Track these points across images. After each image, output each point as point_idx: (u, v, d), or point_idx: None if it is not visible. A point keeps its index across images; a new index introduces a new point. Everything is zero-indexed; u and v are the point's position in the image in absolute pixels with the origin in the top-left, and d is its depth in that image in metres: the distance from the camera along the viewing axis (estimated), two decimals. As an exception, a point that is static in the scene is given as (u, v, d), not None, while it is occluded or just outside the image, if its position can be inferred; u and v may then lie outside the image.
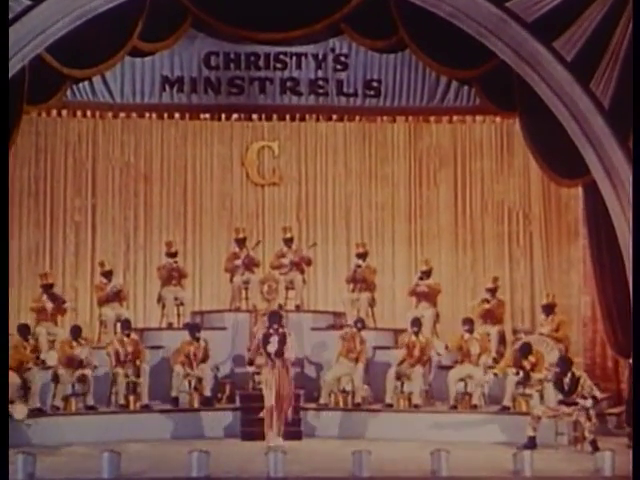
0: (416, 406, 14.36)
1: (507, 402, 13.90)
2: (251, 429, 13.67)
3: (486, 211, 17.78)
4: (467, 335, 14.45)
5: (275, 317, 13.16)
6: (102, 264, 16.42)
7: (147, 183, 17.78)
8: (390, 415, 14.37)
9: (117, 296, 15.99)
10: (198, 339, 14.74)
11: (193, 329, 14.92)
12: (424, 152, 18.02)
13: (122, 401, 14.27)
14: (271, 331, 12.81)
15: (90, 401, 13.94)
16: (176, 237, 17.44)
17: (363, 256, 16.38)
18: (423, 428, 13.90)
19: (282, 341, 12.72)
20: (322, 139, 18.11)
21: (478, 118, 17.69)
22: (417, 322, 14.92)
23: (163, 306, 16.37)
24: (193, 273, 17.60)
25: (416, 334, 14.77)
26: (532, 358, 13.84)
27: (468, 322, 14.63)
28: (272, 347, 12.68)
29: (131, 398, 14.34)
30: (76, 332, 14.27)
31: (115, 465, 10.22)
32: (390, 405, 14.46)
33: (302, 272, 16.51)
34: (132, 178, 17.76)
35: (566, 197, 17.15)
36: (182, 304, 16.37)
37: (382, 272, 17.12)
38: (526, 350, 13.83)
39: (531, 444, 12.55)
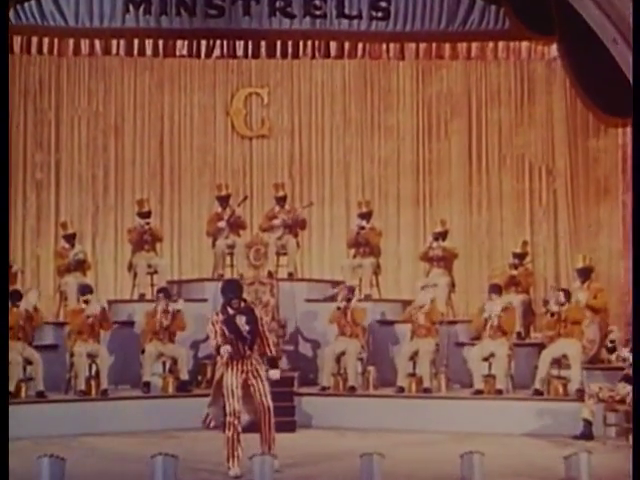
0: (429, 390, 12.19)
1: (539, 385, 11.71)
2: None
3: (504, 166, 16.13)
4: (491, 305, 12.23)
5: (231, 288, 9.39)
6: (64, 226, 14.46)
7: (118, 136, 16.11)
8: (402, 402, 12.25)
9: (80, 265, 13.81)
10: (167, 308, 12.74)
11: (161, 294, 12.88)
12: (434, 99, 16.32)
13: (82, 387, 12.04)
14: (231, 311, 9.14)
15: (39, 386, 11.69)
16: (151, 197, 15.65)
17: (367, 216, 14.46)
18: (442, 417, 11.87)
19: (253, 323, 9.15)
20: (317, 84, 16.42)
21: (500, 55, 15.96)
22: (430, 291, 12.72)
23: (134, 275, 14.30)
24: (171, 237, 15.99)
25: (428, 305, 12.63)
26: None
27: (496, 289, 12.50)
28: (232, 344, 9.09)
29: (92, 383, 12.15)
30: (15, 297, 11.95)
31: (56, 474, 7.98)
32: (401, 389, 12.31)
33: (296, 235, 14.61)
34: (101, 130, 16.07)
35: (595, 150, 15.74)
36: (156, 272, 14.32)
37: (386, 236, 15.36)
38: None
39: (587, 432, 10.66)
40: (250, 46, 15.76)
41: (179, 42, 15.83)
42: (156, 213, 15.36)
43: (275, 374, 9.27)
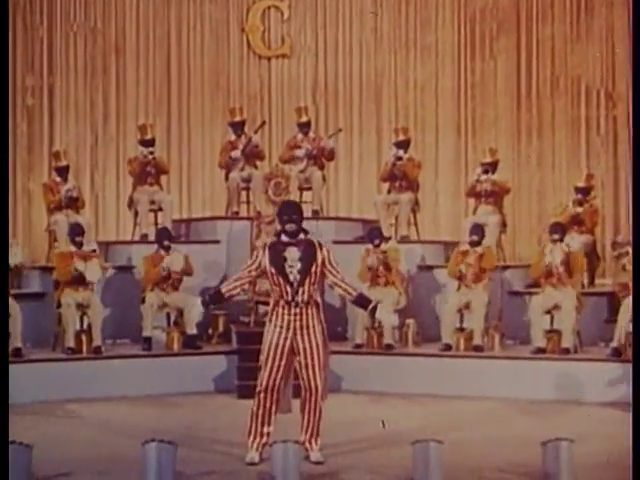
0: (481, 348, 10.39)
1: (617, 344, 9.85)
2: (252, 382, 9.47)
3: (557, 90, 14.56)
4: (553, 247, 10.38)
5: (291, 209, 7.15)
6: (57, 156, 12.69)
7: (120, 56, 14.77)
8: (448, 362, 10.39)
9: (73, 203, 12.08)
10: (168, 249, 11.01)
11: (162, 236, 11.17)
12: (477, 13, 14.77)
13: (70, 343, 10.25)
14: (284, 238, 7.04)
15: (16, 342, 9.89)
16: (157, 125, 14.11)
17: (404, 145, 12.63)
18: (497, 381, 10.01)
19: (307, 262, 6.98)
20: (346, -4, 14.97)
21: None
22: (478, 231, 10.94)
23: (135, 213, 12.54)
24: (179, 170, 14.71)
25: (476, 247, 10.84)
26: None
27: (558, 229, 10.63)
28: (284, 272, 6.96)
29: (83, 339, 10.36)
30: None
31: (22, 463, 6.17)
32: (447, 347, 10.49)
33: (321, 167, 12.81)
34: (100, 50, 14.74)
35: (661, 72, 13.48)
36: (160, 209, 12.53)
37: (423, 169, 13.53)
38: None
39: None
40: None
41: (186, -56, 14.54)
42: (162, 143, 14.06)
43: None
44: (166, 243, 10.95)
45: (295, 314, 6.91)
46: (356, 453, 7.46)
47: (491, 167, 12.26)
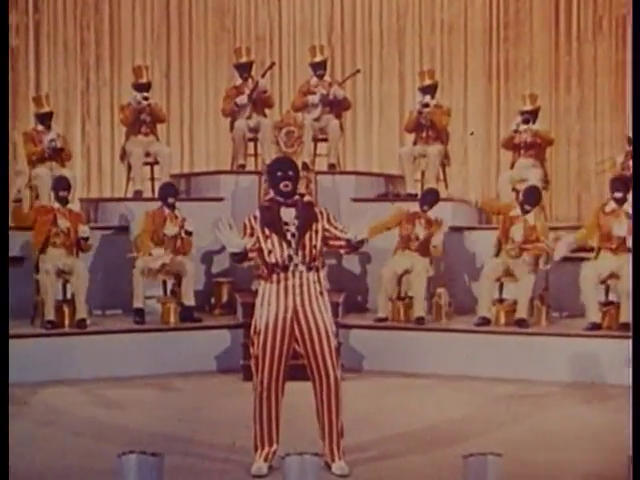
0: (525, 323, 8.98)
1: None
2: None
3: (600, 31, 13.16)
4: (615, 207, 8.98)
5: (286, 165, 5.84)
6: (38, 101, 11.42)
7: None
8: (486, 339, 8.98)
9: (57, 154, 10.73)
10: (173, 207, 9.67)
11: (166, 191, 9.79)
12: None
13: (51, 316, 8.91)
14: (278, 198, 5.74)
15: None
16: (155, 69, 13.08)
17: (431, 90, 11.30)
18: (546, 361, 8.64)
19: (306, 220, 5.68)
20: None
21: None
22: (535, 195, 9.56)
23: (129, 167, 11.18)
24: (180, 119, 13.43)
25: (519, 206, 9.44)
26: None
27: (621, 186, 9.12)
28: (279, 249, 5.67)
29: (66, 310, 9.01)
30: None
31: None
32: (485, 321, 9.10)
33: (338, 116, 11.46)
34: None
35: None
36: (156, 163, 11.20)
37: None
38: None
39: None
40: None
41: None
42: (161, 89, 13.08)
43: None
44: (171, 200, 9.59)
45: (294, 286, 5.56)
46: (390, 460, 6.05)
47: (532, 115, 10.86)
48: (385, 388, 8.43)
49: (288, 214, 5.65)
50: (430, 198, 9.71)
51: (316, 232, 5.61)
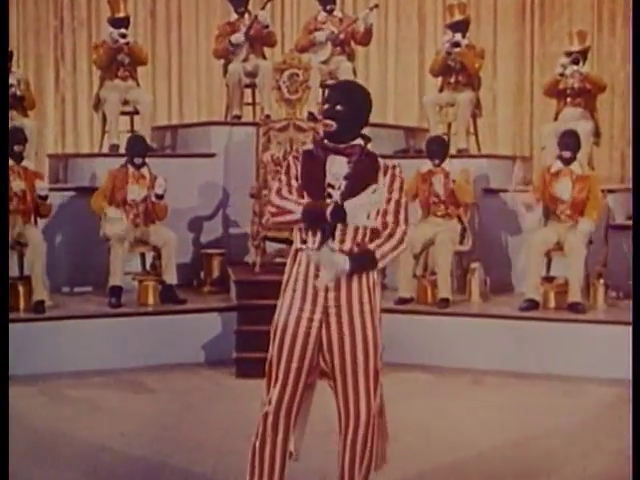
0: (581, 307, 7.38)
1: None
2: (256, 354, 6.41)
3: None
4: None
5: (337, 91, 4.11)
6: None
7: None
8: (531, 326, 7.36)
9: (19, 103, 9.16)
10: (141, 165, 8.03)
11: (132, 147, 8.15)
12: None
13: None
14: (318, 152, 3.97)
15: None
16: (138, 4, 11.70)
17: (463, 27, 9.68)
18: (605, 354, 7.02)
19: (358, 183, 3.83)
20: None
21: None
22: (573, 141, 7.86)
23: (104, 117, 9.54)
24: (167, 62, 12.01)
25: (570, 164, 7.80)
26: None
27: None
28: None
29: (21, 290, 7.42)
30: None
31: None
32: (532, 304, 7.47)
33: (351, 57, 9.89)
34: None
35: None
36: (136, 112, 9.62)
37: None
38: None
39: None
40: None
41: None
42: (145, 27, 11.85)
43: None
44: (138, 161, 7.95)
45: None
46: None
47: (580, 57, 9.22)
48: (410, 384, 6.85)
49: (337, 166, 3.89)
50: (436, 148, 8.05)
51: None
